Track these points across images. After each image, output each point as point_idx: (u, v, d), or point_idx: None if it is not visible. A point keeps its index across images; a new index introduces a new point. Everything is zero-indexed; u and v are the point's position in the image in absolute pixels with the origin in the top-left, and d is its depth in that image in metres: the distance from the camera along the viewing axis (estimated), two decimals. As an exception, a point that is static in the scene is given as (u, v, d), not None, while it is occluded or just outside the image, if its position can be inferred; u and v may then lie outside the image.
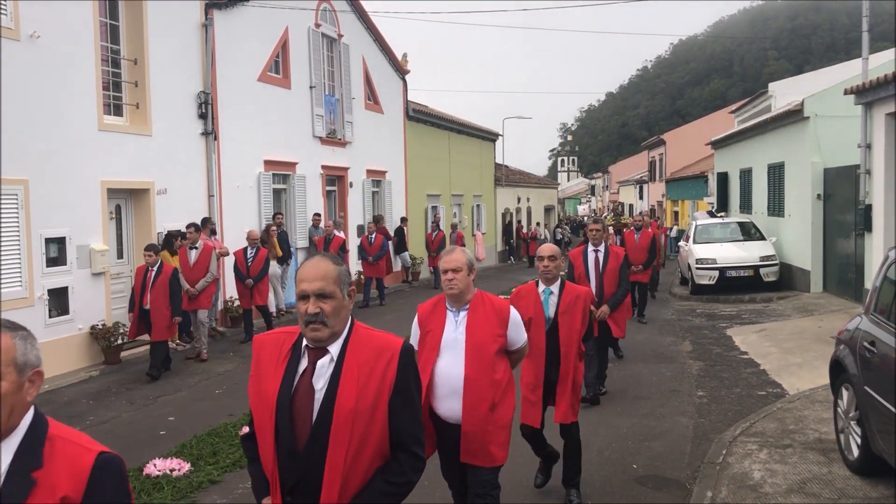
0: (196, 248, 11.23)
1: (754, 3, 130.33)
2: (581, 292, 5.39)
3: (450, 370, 4.01)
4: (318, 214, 16.74)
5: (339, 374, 2.49)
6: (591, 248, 8.29)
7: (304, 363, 2.54)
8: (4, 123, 9.42)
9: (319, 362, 2.53)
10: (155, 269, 10.11)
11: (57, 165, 10.28)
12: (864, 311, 5.92)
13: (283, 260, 14.89)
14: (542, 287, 5.42)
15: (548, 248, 5.41)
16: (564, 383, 5.26)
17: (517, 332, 4.18)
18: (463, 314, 4.08)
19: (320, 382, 2.50)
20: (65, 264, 10.43)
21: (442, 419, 4.07)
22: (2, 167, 9.36)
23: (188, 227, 11.41)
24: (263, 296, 12.73)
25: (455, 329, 4.06)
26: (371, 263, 16.95)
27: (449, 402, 4.03)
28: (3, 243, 9.47)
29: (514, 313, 4.16)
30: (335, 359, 2.52)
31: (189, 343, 12.18)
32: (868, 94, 12.26)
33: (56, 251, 10.33)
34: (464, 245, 23.07)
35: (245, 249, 12.64)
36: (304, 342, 2.57)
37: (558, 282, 5.40)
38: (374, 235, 17.25)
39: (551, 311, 5.32)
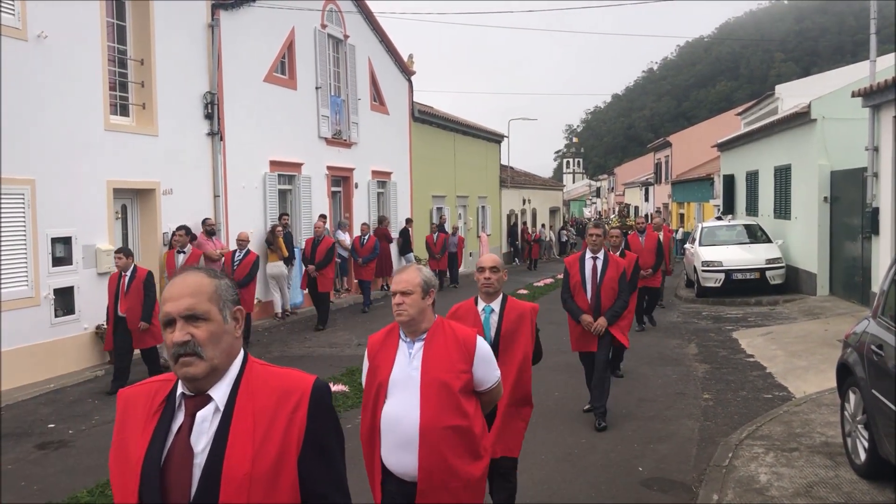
0: (184, 252, 10.80)
1: (761, 5, 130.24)
2: (525, 309, 4.58)
3: (401, 415, 3.30)
4: (324, 215, 16.74)
5: (228, 430, 1.90)
6: (588, 254, 7.54)
7: (179, 417, 1.94)
8: (12, 123, 9.45)
9: (199, 414, 1.92)
10: (128, 273, 9.39)
11: (63, 165, 10.30)
12: (871, 314, 5.90)
13: (289, 261, 14.90)
14: (481, 304, 4.66)
15: (489, 259, 4.69)
16: (507, 415, 4.46)
17: (486, 369, 3.48)
18: (419, 345, 3.42)
19: (201, 442, 1.90)
20: (70, 264, 10.45)
21: (393, 475, 3.37)
22: (4, 167, 9.39)
23: (178, 229, 10.99)
24: (247, 303, 11.89)
25: (408, 364, 3.39)
26: (361, 265, 16.44)
27: (400, 454, 3.31)
28: (9, 243, 9.49)
29: (483, 346, 3.50)
30: (221, 408, 1.93)
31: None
32: (875, 96, 12.21)
33: (62, 251, 10.35)
34: (463, 248, 22.86)
35: (234, 252, 12.29)
36: (180, 389, 1.97)
37: (500, 297, 4.63)
38: (366, 237, 16.76)
39: (492, 333, 4.54)
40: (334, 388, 8.83)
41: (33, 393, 9.30)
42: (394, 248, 20.14)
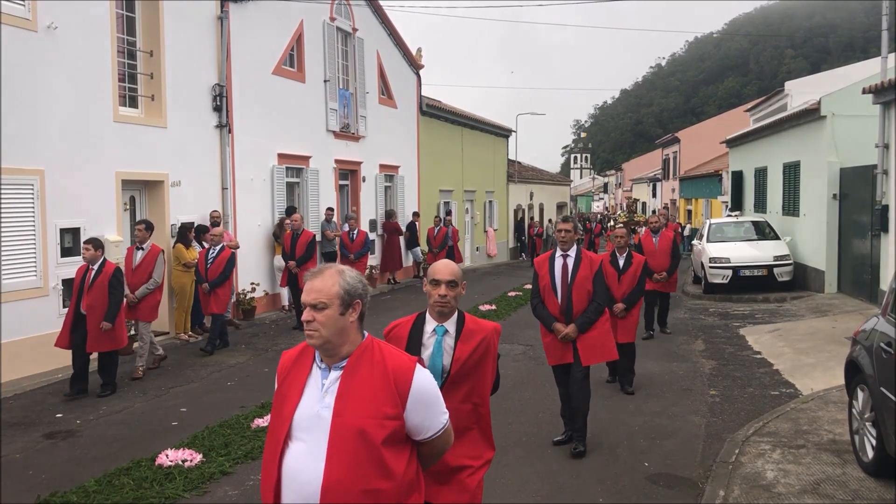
0: (143, 249, 9.68)
1: (771, 2, 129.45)
2: (488, 331, 3.65)
3: (301, 467, 2.49)
4: (331, 209, 16.75)
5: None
6: (558, 252, 6.66)
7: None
8: (22, 114, 9.49)
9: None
10: (95, 267, 8.61)
11: (72, 156, 10.34)
12: (880, 311, 5.88)
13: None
14: (431, 324, 3.68)
15: (446, 270, 3.67)
16: (459, 465, 3.52)
17: (426, 413, 2.64)
18: (335, 376, 2.58)
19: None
20: (79, 255, 10.44)
21: None
22: (14, 157, 9.42)
23: (138, 223, 10.00)
24: (221, 304, 11.01)
25: (319, 399, 2.56)
26: (354, 261, 15.56)
27: None
28: (18, 233, 9.53)
29: (423, 381, 2.63)
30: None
31: (202, 335, 12.24)
32: (886, 93, 12.15)
33: (70, 242, 10.38)
34: (457, 241, 21.10)
35: (207, 250, 11.20)
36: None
37: (455, 316, 3.69)
38: (355, 231, 15.97)
39: (446, 359, 3.60)
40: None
41: (41, 382, 9.35)
42: (401, 242, 20.18)
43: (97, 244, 8.71)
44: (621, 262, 8.79)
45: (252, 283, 14.21)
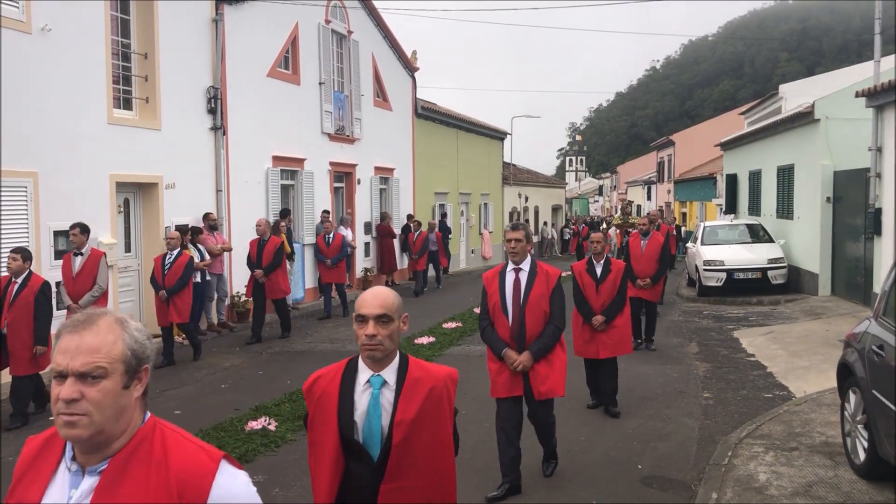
0: (82, 254, 8.93)
1: (766, 5, 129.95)
2: (439, 378, 2.84)
3: None
4: (327, 211, 16.73)
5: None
6: (510, 266, 5.65)
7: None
8: (15, 116, 9.47)
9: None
10: (20, 280, 7.75)
11: (66, 158, 10.33)
12: (873, 314, 5.90)
13: (290, 257, 14.90)
14: (364, 373, 2.82)
15: (374, 299, 2.78)
16: None
17: None
18: (90, 484, 1.73)
19: None
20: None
21: None
22: (7, 159, 9.40)
23: (72, 227, 9.04)
24: (182, 312, 10.39)
25: None
26: (329, 267, 14.79)
27: None
28: (11, 235, 9.50)
29: (229, 492, 1.77)
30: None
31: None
32: (880, 96, 12.19)
33: (64, 244, 10.35)
34: (441, 247, 20.18)
35: (164, 255, 10.60)
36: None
37: (395, 361, 2.83)
38: (331, 235, 15.00)
39: (385, 421, 2.77)
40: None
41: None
42: (395, 244, 20.18)
43: (26, 255, 7.94)
44: (599, 271, 7.88)
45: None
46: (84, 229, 9.03)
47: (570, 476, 6.07)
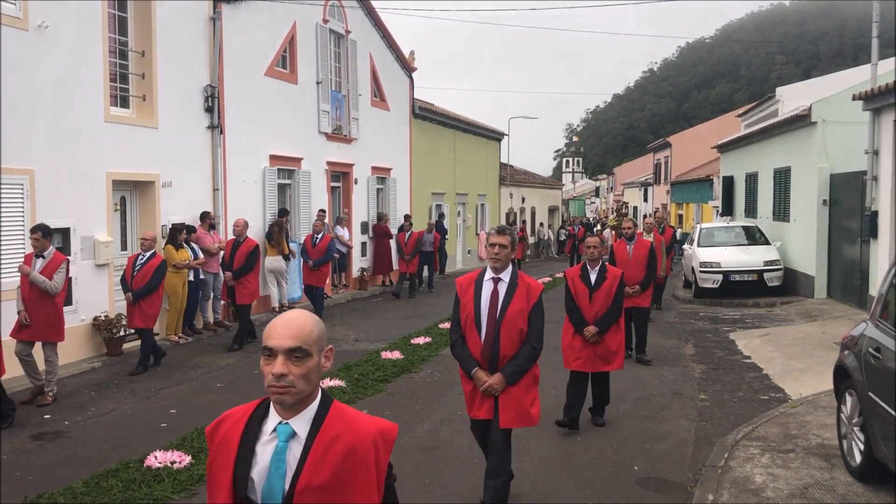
0: (43, 257, 8.39)
1: (763, 7, 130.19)
2: (366, 436, 2.16)
3: None
4: (323, 210, 16.71)
5: None
6: (488, 274, 5.12)
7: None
8: (12, 113, 9.43)
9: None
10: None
11: (63, 156, 10.29)
12: (869, 317, 5.91)
13: (287, 257, 14.87)
14: (272, 420, 2.20)
15: (285, 329, 2.14)
16: None
17: None
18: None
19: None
20: (69, 255, 10.41)
21: None
22: (3, 157, 9.36)
23: (33, 231, 8.50)
24: (147, 317, 9.98)
25: None
26: (312, 269, 14.45)
27: None
28: (8, 233, 9.47)
29: None
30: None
31: (192, 336, 12.20)
32: (876, 99, 12.21)
33: (60, 242, 10.32)
34: (436, 248, 20.22)
35: (137, 256, 10.28)
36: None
37: (313, 406, 2.20)
38: (319, 236, 14.69)
39: (288, 483, 2.11)
40: (330, 382, 8.84)
41: (29, 384, 9.27)
42: (392, 245, 20.15)
43: (46, 232, 7.94)
44: (593, 278, 7.39)
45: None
46: (46, 233, 8.48)
47: (565, 477, 6.06)
